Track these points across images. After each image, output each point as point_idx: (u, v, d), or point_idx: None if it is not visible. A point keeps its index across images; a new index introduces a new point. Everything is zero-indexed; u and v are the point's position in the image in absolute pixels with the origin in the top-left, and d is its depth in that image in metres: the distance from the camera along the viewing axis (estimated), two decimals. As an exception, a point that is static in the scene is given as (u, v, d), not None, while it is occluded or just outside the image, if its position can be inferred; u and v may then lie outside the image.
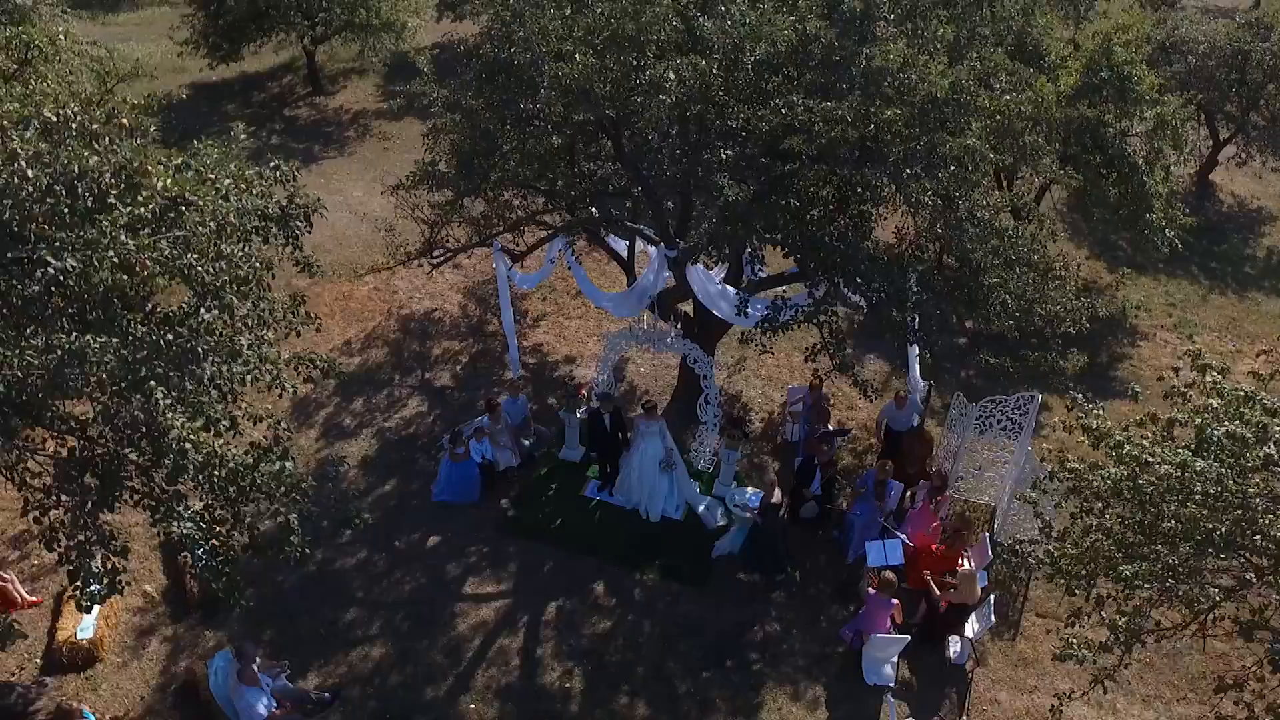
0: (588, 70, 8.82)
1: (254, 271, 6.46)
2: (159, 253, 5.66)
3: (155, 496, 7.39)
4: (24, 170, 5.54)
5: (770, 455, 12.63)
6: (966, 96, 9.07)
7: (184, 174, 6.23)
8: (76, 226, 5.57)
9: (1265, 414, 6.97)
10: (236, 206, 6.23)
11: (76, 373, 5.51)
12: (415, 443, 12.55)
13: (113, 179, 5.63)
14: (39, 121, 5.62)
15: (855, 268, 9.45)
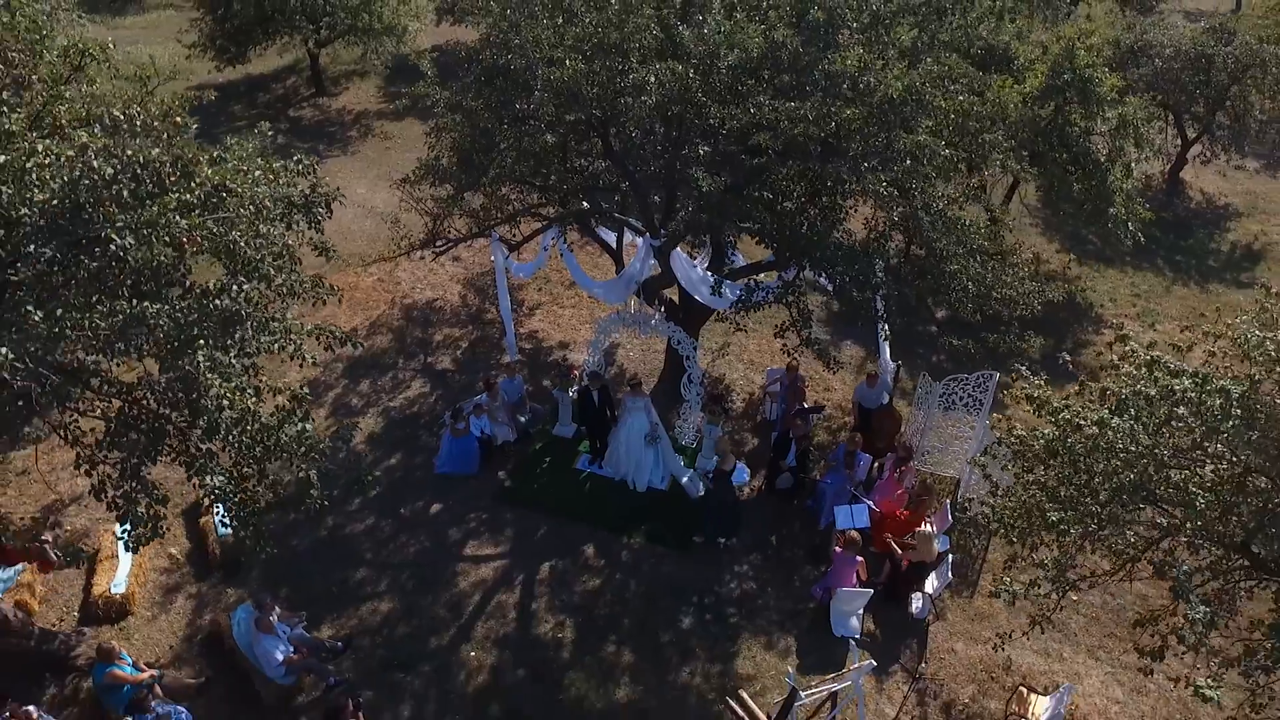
0: (577, 74, 9.87)
1: (286, 249, 7.51)
2: (208, 231, 6.70)
3: (191, 453, 8.44)
4: (92, 161, 6.58)
5: (750, 432, 13.68)
6: (923, 97, 10.13)
7: (224, 165, 7.28)
8: (135, 209, 6.61)
9: (1169, 375, 8.01)
10: (269, 193, 7.27)
11: (139, 332, 6.54)
12: (418, 420, 13.59)
13: (171, 168, 6.69)
14: (109, 119, 6.65)
15: (823, 254, 10.50)
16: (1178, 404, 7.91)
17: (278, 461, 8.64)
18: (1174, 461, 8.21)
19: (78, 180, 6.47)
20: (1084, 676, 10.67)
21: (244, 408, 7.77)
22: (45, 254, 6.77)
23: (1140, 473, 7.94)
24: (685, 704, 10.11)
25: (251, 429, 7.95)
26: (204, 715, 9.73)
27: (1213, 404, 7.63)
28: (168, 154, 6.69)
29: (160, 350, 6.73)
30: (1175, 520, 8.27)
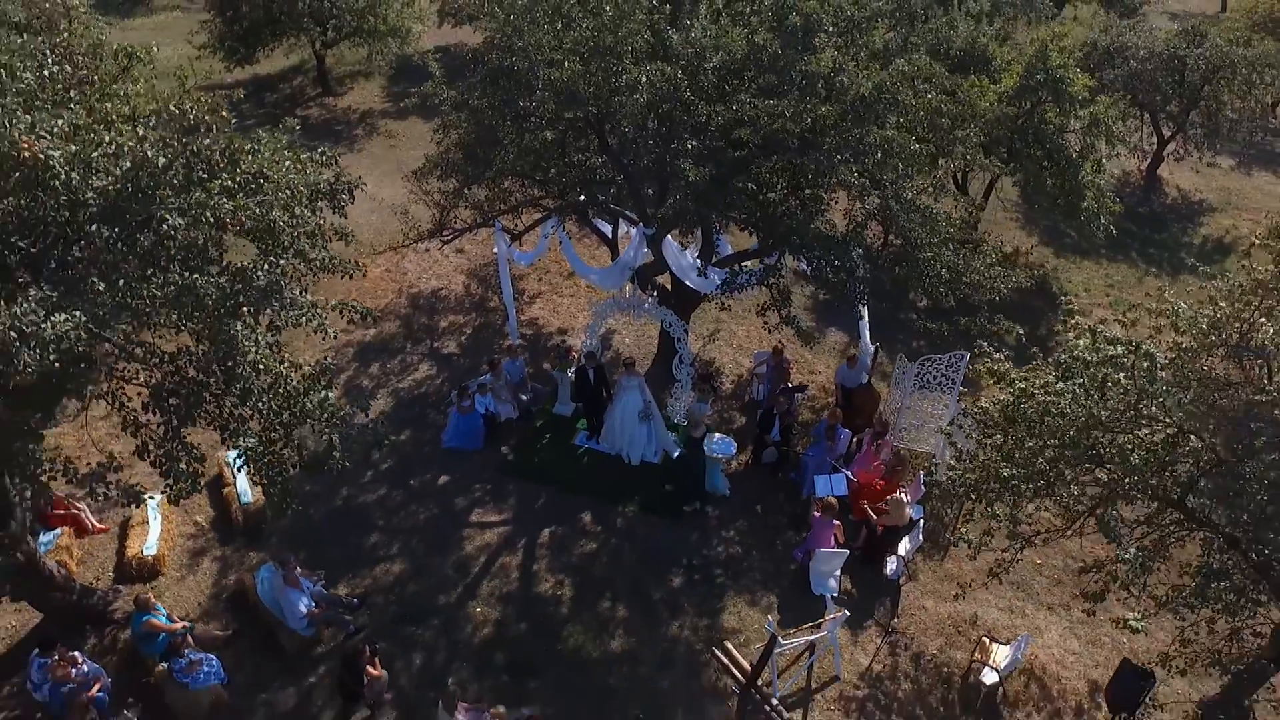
0: (575, 75, 10.90)
1: (319, 228, 8.53)
2: (250, 211, 7.72)
3: (225, 418, 9.45)
4: (148, 151, 7.60)
5: (738, 411, 14.70)
6: (893, 95, 11.16)
7: (260, 154, 8.30)
8: (186, 192, 7.62)
9: (1106, 343, 9.02)
10: (300, 180, 8.30)
11: (189, 300, 7.55)
12: (426, 400, 14.60)
13: (220, 156, 7.70)
14: (166, 113, 7.67)
15: (803, 240, 11.53)
16: (1112, 367, 8.93)
17: (303, 427, 9.69)
18: (1113, 424, 9.21)
19: (139, 167, 7.48)
20: (1044, 631, 11.68)
21: (277, 372, 8.81)
22: (105, 233, 7.80)
23: (1081, 431, 8.95)
24: (675, 654, 11.12)
25: (282, 393, 8.97)
26: (232, 664, 10.70)
27: (1141, 366, 8.65)
28: (218, 144, 7.73)
29: (208, 317, 7.72)
30: (1115, 477, 9.28)
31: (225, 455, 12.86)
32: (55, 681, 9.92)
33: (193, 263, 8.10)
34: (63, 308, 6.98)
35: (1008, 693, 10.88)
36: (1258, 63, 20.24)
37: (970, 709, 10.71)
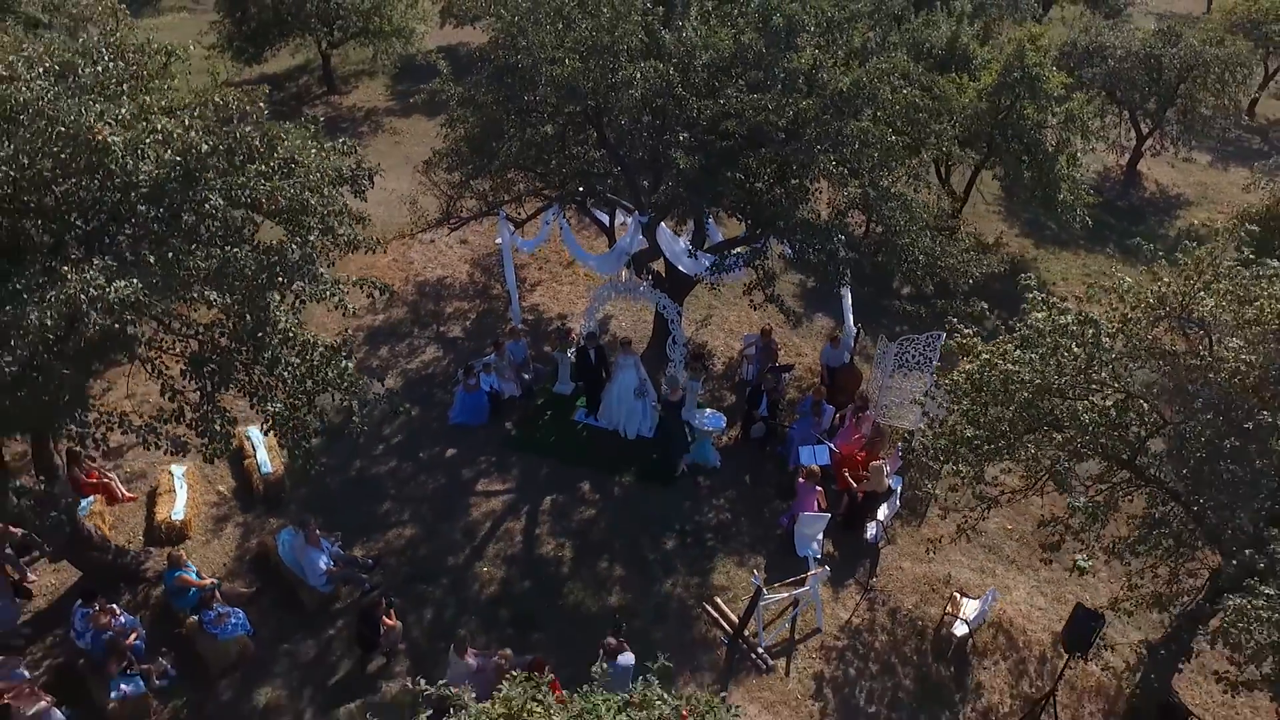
0: (575, 72, 11.91)
1: (345, 207, 9.54)
2: (285, 192, 8.72)
3: (254, 386, 10.43)
4: (193, 139, 8.60)
5: (729, 390, 15.71)
6: (870, 90, 12.18)
7: (291, 141, 9.31)
8: (229, 175, 8.63)
9: (1058, 314, 10.03)
10: (327, 164, 9.32)
11: (230, 272, 8.55)
12: (433, 380, 15.60)
13: (259, 143, 8.70)
14: (211, 104, 8.68)
15: (787, 225, 12.54)
16: (1065, 337, 9.94)
17: (324, 395, 10.68)
18: (1067, 389, 10.20)
19: (186, 152, 8.48)
20: (1012, 589, 12.69)
21: (304, 340, 9.83)
22: (152, 213, 8.80)
23: (1037, 395, 9.94)
24: (668, 609, 12.12)
25: (307, 362, 9.97)
26: (256, 619, 11.67)
27: (1087, 333, 9.67)
28: (259, 131, 8.74)
29: (247, 287, 8.72)
30: (1070, 438, 10.28)
31: (246, 430, 13.84)
32: (97, 629, 10.90)
33: (230, 239, 9.11)
34: (122, 276, 7.98)
35: (976, 643, 11.88)
36: (1230, 62, 21.34)
37: (942, 658, 11.72)
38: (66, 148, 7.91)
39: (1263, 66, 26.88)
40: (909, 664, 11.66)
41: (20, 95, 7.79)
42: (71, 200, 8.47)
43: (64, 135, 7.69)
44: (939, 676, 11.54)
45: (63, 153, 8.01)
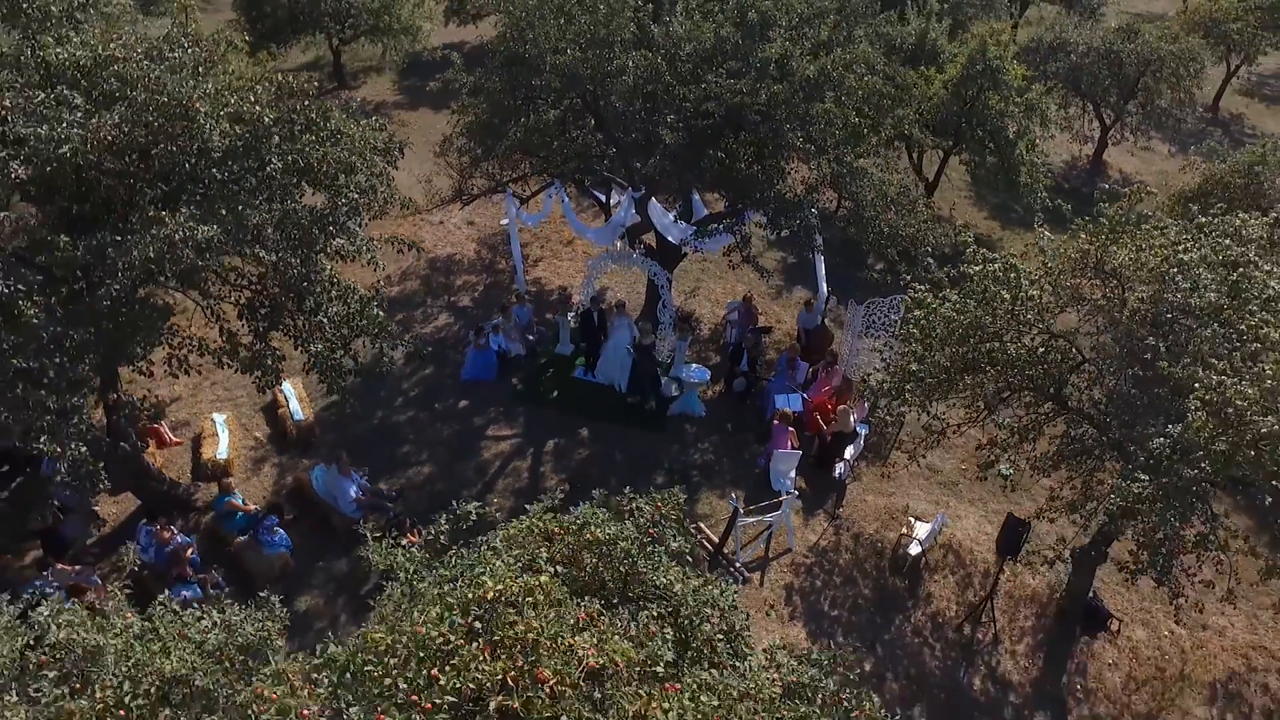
0: (575, 60, 13.94)
1: (384, 170, 11.56)
2: (334, 155, 10.73)
3: (298, 330, 12.40)
4: (261, 113, 10.60)
5: (714, 352, 17.72)
6: (835, 77, 14.23)
7: (338, 116, 11.33)
8: (289, 143, 10.63)
9: (986, 262, 12.02)
10: (369, 135, 11.35)
11: (290, 222, 10.54)
12: (446, 343, 17.59)
13: (315, 115, 10.72)
14: (274, 86, 10.69)
15: (763, 197, 14.55)
16: (993, 282, 11.94)
17: (358, 340, 12.66)
18: (1000, 330, 12.18)
19: (253, 123, 10.49)
20: (963, 518, 14.67)
21: (346, 286, 11.83)
22: (220, 175, 10.79)
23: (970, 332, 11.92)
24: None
25: (350, 304, 11.95)
26: (296, 541, 13.62)
27: (1010, 278, 11.67)
28: (314, 106, 10.77)
29: (304, 234, 10.72)
30: (1000, 372, 12.27)
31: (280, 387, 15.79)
32: (159, 544, 12.85)
33: (287, 198, 11.11)
34: (205, 222, 9.98)
35: (928, 560, 13.86)
36: (1184, 57, 23.44)
37: (897, 572, 13.69)
38: (162, 117, 9.90)
39: (1225, 64, 29.11)
40: (868, 577, 13.64)
41: (132, 72, 9.79)
42: (158, 163, 10.46)
43: (165, 107, 9.68)
44: (894, 587, 13.52)
45: (156, 122, 10.00)
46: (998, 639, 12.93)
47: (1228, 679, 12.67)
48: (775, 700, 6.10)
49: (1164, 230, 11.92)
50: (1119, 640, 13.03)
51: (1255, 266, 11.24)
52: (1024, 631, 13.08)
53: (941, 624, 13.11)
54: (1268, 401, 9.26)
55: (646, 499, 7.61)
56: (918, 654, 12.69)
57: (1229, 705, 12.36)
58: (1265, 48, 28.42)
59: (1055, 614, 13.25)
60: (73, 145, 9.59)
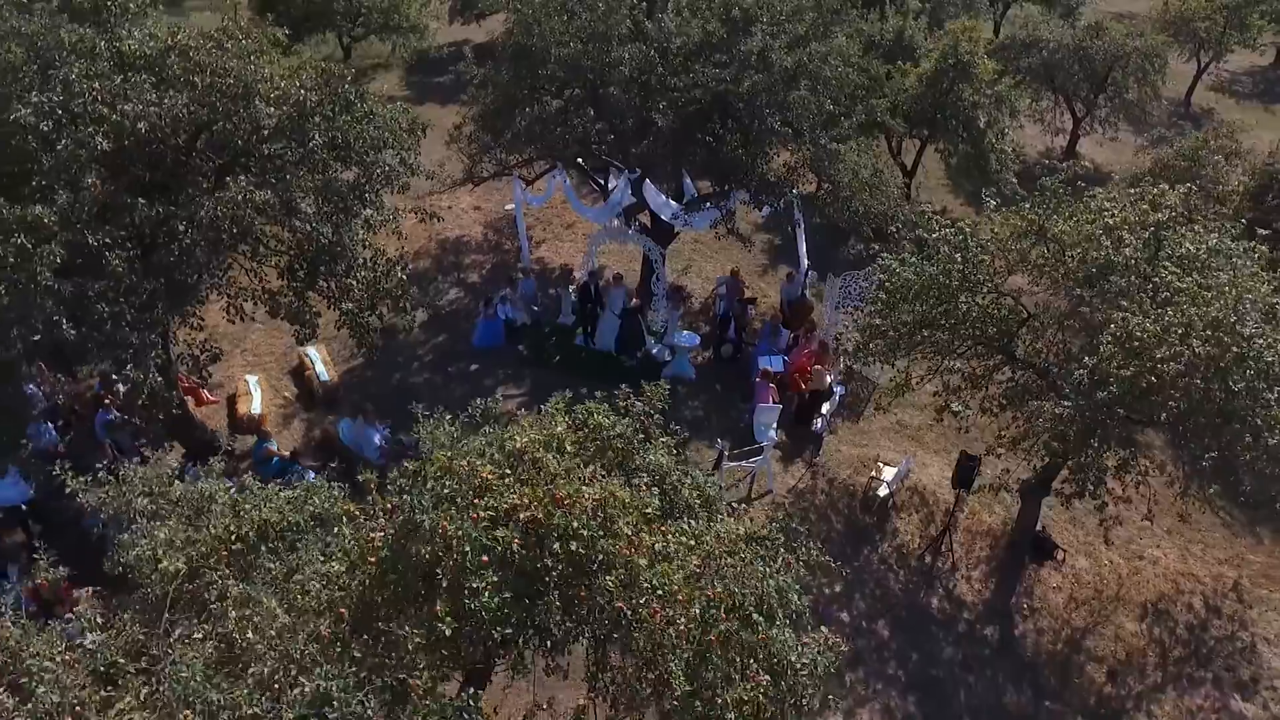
0: (577, 53, 15.85)
1: (413, 145, 13.46)
2: (368, 133, 12.63)
3: (330, 290, 14.29)
4: (305, 95, 12.51)
5: (705, 323, 19.62)
6: (810, 69, 16.16)
7: (369, 99, 13.24)
8: (330, 120, 12.54)
9: (940, 227, 13.90)
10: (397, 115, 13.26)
11: (331, 189, 12.44)
12: (458, 314, 19.49)
13: (355, 97, 12.63)
14: (318, 72, 12.60)
15: (746, 176, 16.47)
16: (947, 245, 13.82)
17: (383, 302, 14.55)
18: (957, 290, 14.06)
19: (300, 104, 12.39)
20: (928, 466, 16.54)
21: (376, 248, 13.73)
22: (268, 150, 12.68)
23: (926, 290, 13.80)
24: (651, 477, 15.95)
25: (380, 267, 13.84)
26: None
27: (957, 239, 13.56)
28: (352, 89, 12.67)
29: (343, 203, 12.61)
30: (954, 326, 14.14)
31: (304, 350, 17.68)
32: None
33: (327, 170, 13.02)
34: (260, 189, 11.87)
35: (896, 502, 15.72)
36: (1148, 53, 25.43)
37: (867, 511, 15.57)
38: (225, 99, 11.80)
39: (1196, 61, 31.11)
40: (841, 515, 15.52)
41: (202, 59, 11.70)
42: (216, 138, 12.36)
43: (229, 89, 11.59)
44: (864, 524, 15.39)
45: (219, 103, 11.90)
46: (955, 567, 14.80)
47: (1158, 599, 14.55)
48: (737, 538, 7.97)
49: (1095, 198, 13.82)
50: (1063, 568, 14.90)
51: (1172, 229, 13.18)
52: (979, 560, 14.95)
53: (905, 554, 14.97)
54: (1167, 335, 11.16)
55: (640, 396, 9.39)
56: (883, 579, 14.56)
57: (1157, 621, 14.23)
58: (1233, 45, 30.44)
59: (1007, 546, 15.12)
60: (149, 122, 11.50)
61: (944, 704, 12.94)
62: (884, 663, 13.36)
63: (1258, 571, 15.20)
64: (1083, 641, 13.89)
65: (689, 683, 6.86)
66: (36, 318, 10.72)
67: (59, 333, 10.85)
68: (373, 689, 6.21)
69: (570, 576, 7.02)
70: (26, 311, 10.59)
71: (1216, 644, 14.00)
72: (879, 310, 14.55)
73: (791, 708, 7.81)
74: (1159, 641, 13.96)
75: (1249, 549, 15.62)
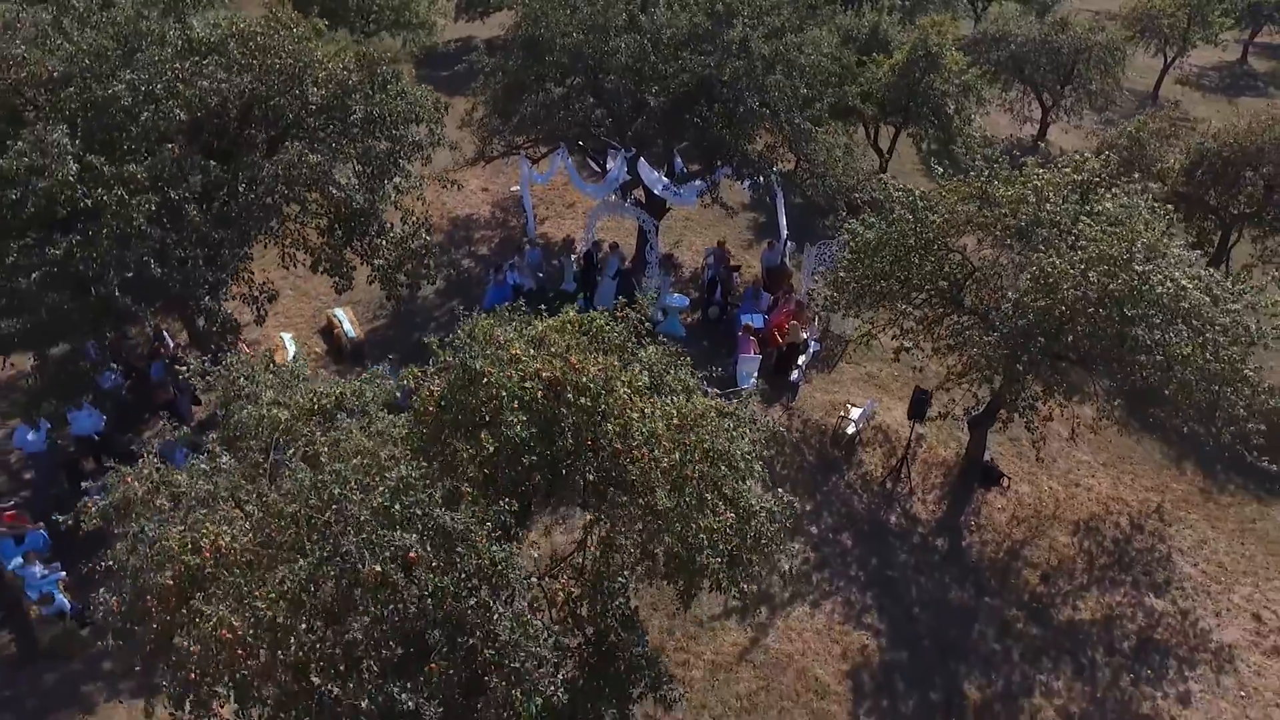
0: (579, 43, 18.47)
1: (440, 119, 16.08)
2: (404, 105, 15.24)
3: (364, 248, 16.86)
4: (348, 75, 15.11)
5: (694, 289, 22.20)
6: (785, 57, 18.80)
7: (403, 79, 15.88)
8: (370, 96, 15.14)
9: (895, 190, 16.46)
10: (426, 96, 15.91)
11: (369, 156, 15.02)
12: (469, 282, 22.06)
13: (390, 78, 15.25)
14: (359, 56, 15.21)
15: (731, 154, 19.09)
16: (901, 206, 16.40)
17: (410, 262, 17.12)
18: (913, 247, 16.63)
19: (342, 83, 14.99)
20: (892, 410, 19.08)
21: (406, 209, 16.34)
22: (314, 123, 15.28)
23: (883, 249, 16.36)
24: (645, 418, 18.50)
25: (406, 225, 16.43)
26: (354, 424, 17.98)
27: (909, 200, 16.14)
28: (390, 71, 15.30)
29: (381, 168, 15.21)
30: (907, 278, 16.71)
31: (332, 311, 20.25)
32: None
33: (366, 139, 15.62)
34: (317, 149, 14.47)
35: (862, 438, 18.27)
36: (1109, 46, 28.14)
37: (836, 445, 18.10)
38: (281, 77, 14.39)
39: (1162, 55, 33.87)
40: (813, 449, 18.06)
41: (264, 41, 14.30)
42: (271, 112, 14.95)
43: (288, 68, 14.19)
44: (833, 456, 17.93)
45: (275, 81, 14.49)
46: (912, 491, 17.34)
47: (1089, 519, 17.09)
48: (710, 409, 10.50)
49: (1026, 165, 16.42)
50: (1008, 493, 17.44)
51: (1095, 191, 15.78)
52: (933, 486, 17.50)
53: (869, 481, 17.51)
54: (1072, 271, 13.73)
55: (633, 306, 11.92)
56: (848, 500, 17.10)
57: (1087, 536, 16.77)
58: (1196, 41, 33.19)
59: (959, 474, 17.66)
60: (220, 96, 14.09)
61: (897, 599, 15.45)
62: (846, 566, 15.88)
63: (1179, 497, 17.76)
64: (1021, 551, 16.42)
65: (670, 504, 9.39)
66: (130, 258, 13.26)
67: (148, 272, 13.40)
68: (437, 490, 8.71)
69: (580, 423, 9.52)
70: (123, 253, 13.14)
71: (1137, 554, 16.53)
72: (845, 266, 17.12)
73: (753, 545, 10.33)
74: (1087, 551, 16.49)
75: (1173, 479, 18.19)
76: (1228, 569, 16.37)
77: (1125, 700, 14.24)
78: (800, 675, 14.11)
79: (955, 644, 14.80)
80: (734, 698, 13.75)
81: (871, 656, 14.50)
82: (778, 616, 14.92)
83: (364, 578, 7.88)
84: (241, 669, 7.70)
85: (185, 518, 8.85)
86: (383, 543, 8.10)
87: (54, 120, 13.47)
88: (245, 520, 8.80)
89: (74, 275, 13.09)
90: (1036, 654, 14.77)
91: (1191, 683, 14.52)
